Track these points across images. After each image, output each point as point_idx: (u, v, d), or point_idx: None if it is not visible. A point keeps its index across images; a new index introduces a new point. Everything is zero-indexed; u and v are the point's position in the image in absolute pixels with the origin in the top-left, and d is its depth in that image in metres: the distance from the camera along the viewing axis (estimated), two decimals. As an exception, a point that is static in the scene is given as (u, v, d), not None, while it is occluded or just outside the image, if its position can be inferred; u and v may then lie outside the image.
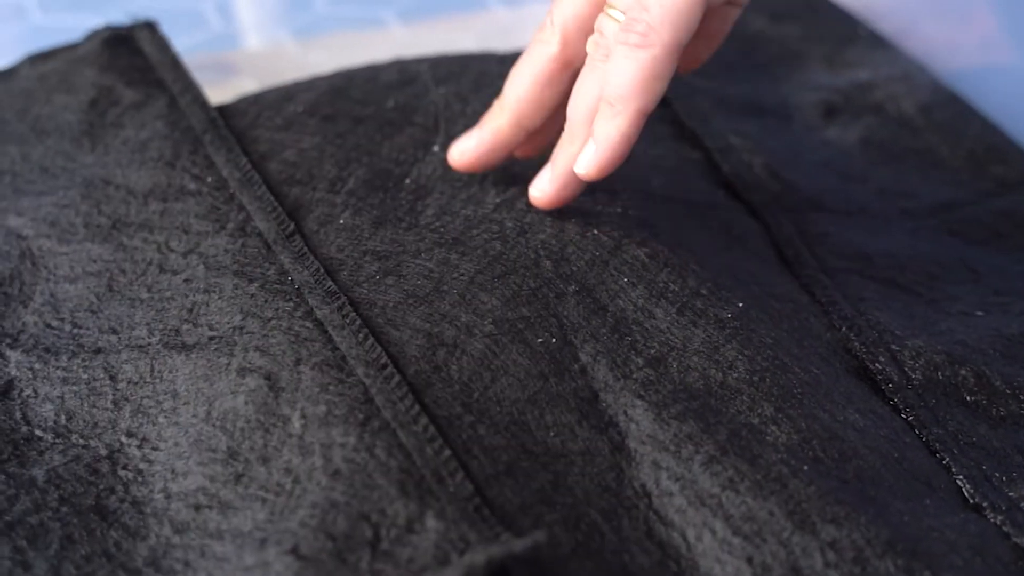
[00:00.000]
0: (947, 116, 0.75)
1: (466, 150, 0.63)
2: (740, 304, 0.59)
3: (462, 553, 0.48)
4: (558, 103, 0.61)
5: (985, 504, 0.53)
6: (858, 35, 0.82)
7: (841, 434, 0.54)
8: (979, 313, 0.63)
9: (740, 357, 0.56)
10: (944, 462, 0.55)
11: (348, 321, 0.56)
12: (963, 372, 0.59)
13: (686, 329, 0.57)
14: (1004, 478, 0.55)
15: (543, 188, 0.61)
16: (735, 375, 0.55)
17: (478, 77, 0.71)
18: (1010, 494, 0.54)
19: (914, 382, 0.58)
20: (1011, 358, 0.60)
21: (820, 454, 0.53)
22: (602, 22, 0.58)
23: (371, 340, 0.55)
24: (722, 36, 0.62)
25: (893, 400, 0.57)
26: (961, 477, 0.54)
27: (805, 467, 0.52)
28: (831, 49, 0.81)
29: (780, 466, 0.51)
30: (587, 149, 0.58)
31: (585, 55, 0.59)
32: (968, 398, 0.58)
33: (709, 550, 0.50)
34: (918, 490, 0.53)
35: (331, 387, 0.53)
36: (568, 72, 0.60)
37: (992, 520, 0.53)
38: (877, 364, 0.59)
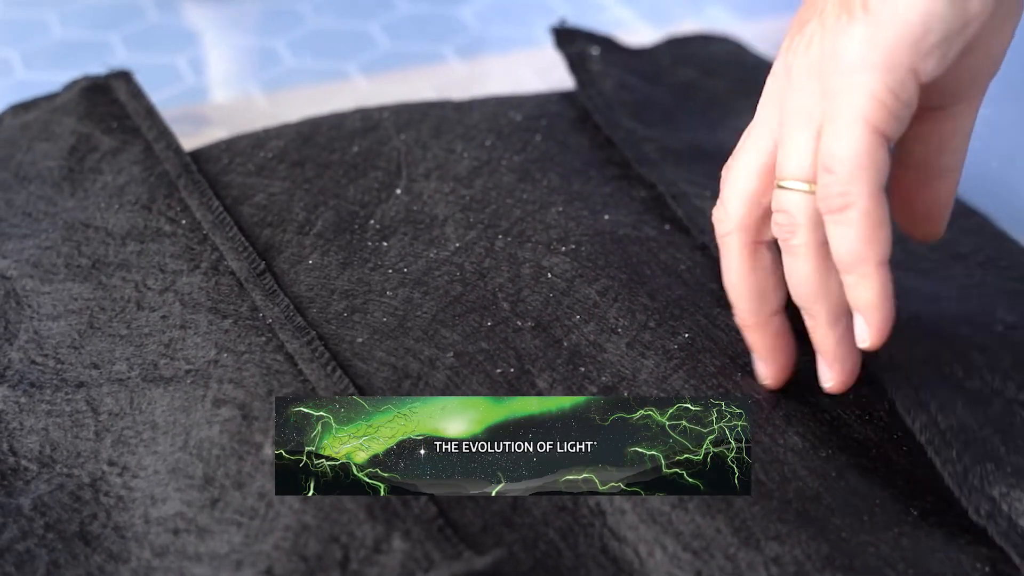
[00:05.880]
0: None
1: (769, 374, 0.58)
2: (687, 335, 0.60)
3: (427, 571, 0.49)
4: (778, 275, 0.57)
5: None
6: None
7: (782, 457, 0.55)
8: None
9: (686, 386, 0.57)
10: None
11: (317, 355, 0.57)
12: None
13: (635, 361, 0.59)
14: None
15: (835, 378, 0.57)
16: None
17: (437, 123, 0.73)
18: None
19: None
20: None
21: (762, 477, 0.54)
22: (781, 198, 0.54)
23: (339, 372, 0.57)
24: (952, 146, 0.57)
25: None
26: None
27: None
28: (757, 100, 0.83)
29: None
30: (859, 325, 0.53)
31: (767, 229, 0.56)
32: None
33: (660, 564, 0.51)
34: (855, 506, 0.54)
35: None
36: (763, 247, 0.57)
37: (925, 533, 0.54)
38: None
